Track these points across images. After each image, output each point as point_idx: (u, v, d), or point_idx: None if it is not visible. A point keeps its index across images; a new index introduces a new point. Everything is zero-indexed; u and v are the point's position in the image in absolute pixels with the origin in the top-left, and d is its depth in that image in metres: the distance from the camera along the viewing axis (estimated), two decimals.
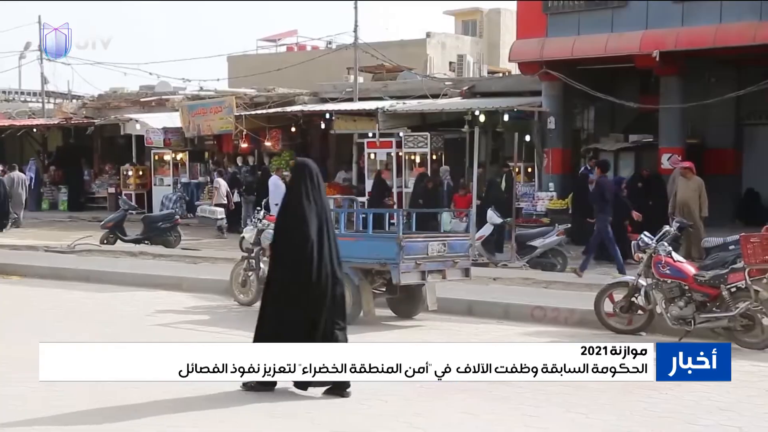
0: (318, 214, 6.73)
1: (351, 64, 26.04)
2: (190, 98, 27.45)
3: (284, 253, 6.80)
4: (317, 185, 6.84)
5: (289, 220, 6.81)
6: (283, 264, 6.79)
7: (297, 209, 6.74)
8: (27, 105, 37.47)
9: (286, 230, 6.83)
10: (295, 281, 6.70)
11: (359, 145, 23.33)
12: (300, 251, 6.67)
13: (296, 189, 6.85)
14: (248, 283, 11.55)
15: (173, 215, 19.35)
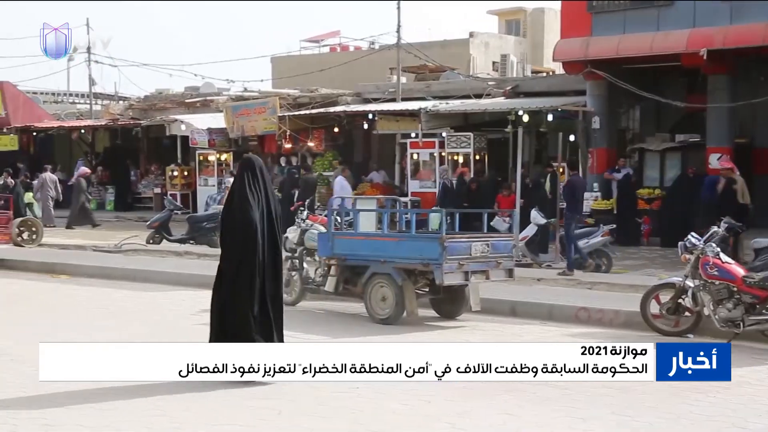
0: (259, 203, 7.25)
1: (394, 64, 26.04)
2: (234, 99, 27.66)
3: (229, 237, 7.30)
4: (259, 178, 7.34)
5: (233, 209, 7.33)
6: (230, 248, 7.27)
7: (240, 200, 7.26)
8: (75, 106, 38.08)
9: (230, 218, 7.36)
10: (241, 263, 7.16)
11: (402, 146, 23.32)
12: (243, 235, 7.15)
13: (240, 182, 7.37)
14: (292, 283, 11.59)
15: (217, 215, 19.46)
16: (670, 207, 18.22)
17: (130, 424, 6.09)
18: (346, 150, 25.49)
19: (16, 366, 7.79)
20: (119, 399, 6.67)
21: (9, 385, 7.09)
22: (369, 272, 10.45)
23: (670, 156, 20.45)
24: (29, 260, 15.72)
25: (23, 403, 6.53)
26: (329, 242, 10.94)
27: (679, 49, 17.89)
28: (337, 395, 6.92)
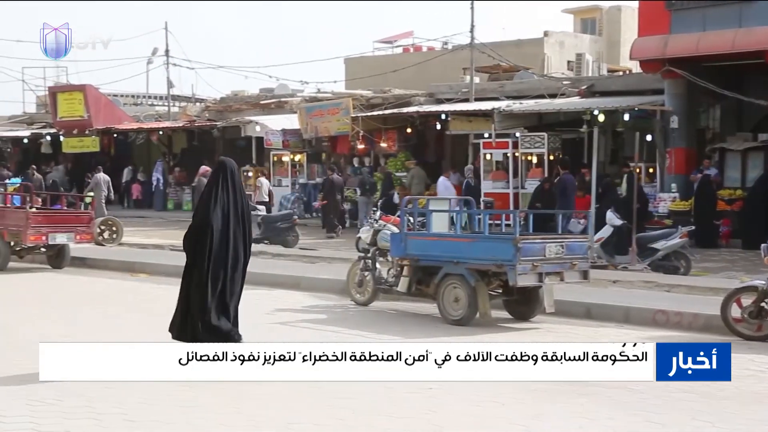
0: (226, 204, 7.77)
1: (467, 64, 25.92)
2: (308, 100, 27.90)
3: (194, 234, 7.84)
4: (229, 180, 7.84)
5: (201, 208, 7.89)
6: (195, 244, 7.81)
7: (208, 200, 7.80)
8: (154, 108, 38.88)
9: (197, 216, 7.92)
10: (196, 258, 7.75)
11: (475, 146, 23.19)
12: (199, 233, 7.74)
13: (212, 183, 7.92)
14: (365, 283, 11.63)
15: (291, 215, 19.67)
16: (752, 208, 17.75)
17: (209, 422, 6.17)
18: (419, 150, 25.46)
19: None
20: (200, 395, 6.77)
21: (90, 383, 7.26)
22: (442, 273, 10.41)
23: (752, 156, 19.90)
24: (110, 259, 16.09)
25: (103, 398, 6.68)
26: (402, 243, 10.94)
27: (763, 46, 17.38)
28: (409, 395, 6.90)
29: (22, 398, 6.55)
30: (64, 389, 6.81)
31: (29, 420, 6.03)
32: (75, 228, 15.51)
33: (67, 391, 6.79)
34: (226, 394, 6.85)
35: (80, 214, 16.72)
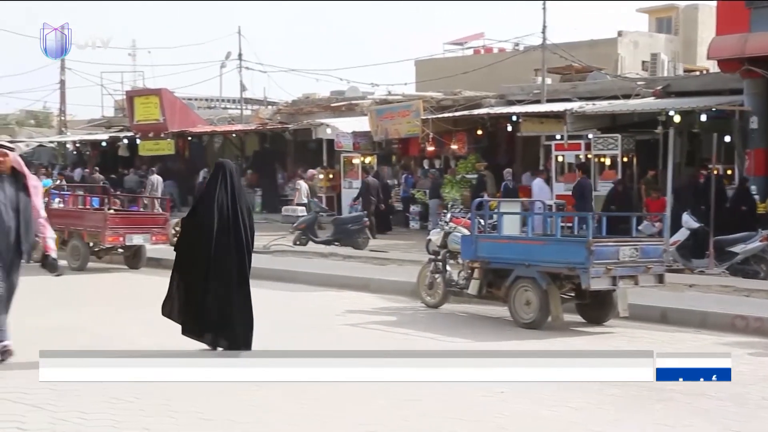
0: (222, 204, 8.14)
1: (539, 65, 25.67)
2: (378, 102, 27.95)
3: (189, 232, 8.34)
4: (229, 181, 8.24)
5: (198, 207, 8.39)
6: (188, 242, 8.30)
7: (206, 199, 8.24)
8: (227, 112, 39.46)
9: (194, 214, 8.38)
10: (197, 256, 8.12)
11: (546, 148, 22.95)
12: (203, 231, 8.11)
13: (211, 183, 8.34)
14: (435, 285, 11.60)
15: (362, 217, 19.74)
16: None
17: (279, 422, 6.21)
18: (489, 152, 25.29)
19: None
20: (270, 395, 6.83)
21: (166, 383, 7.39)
22: (513, 276, 10.32)
23: None
24: None
25: (179, 397, 6.78)
26: (473, 245, 10.88)
27: None
28: (481, 399, 6.85)
29: (102, 397, 6.69)
30: (142, 388, 6.94)
31: (109, 417, 6.16)
32: (151, 229, 15.82)
33: (144, 390, 6.92)
34: (296, 395, 6.90)
35: (156, 215, 17.04)
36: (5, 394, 6.68)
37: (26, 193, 7.96)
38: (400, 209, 25.19)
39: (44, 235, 8.18)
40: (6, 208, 7.83)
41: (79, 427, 5.92)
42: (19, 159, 8.12)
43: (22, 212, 7.89)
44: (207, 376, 7.22)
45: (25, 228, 7.91)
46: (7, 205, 7.84)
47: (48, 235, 8.26)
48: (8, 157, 7.95)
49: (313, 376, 7.33)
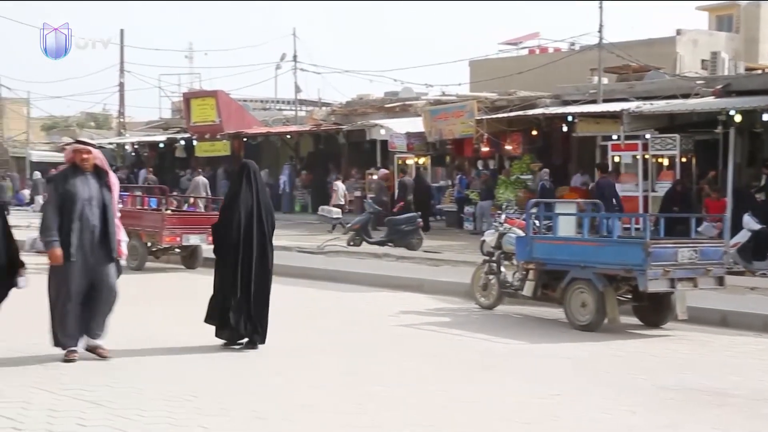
0: (248, 203, 8.53)
1: (594, 65, 25.36)
2: (432, 103, 27.89)
3: (219, 230, 8.70)
4: (252, 181, 8.67)
5: (226, 206, 8.71)
6: (220, 239, 8.68)
7: (233, 199, 8.60)
8: (282, 113, 39.77)
9: (223, 213, 8.76)
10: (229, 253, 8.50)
11: (602, 148, 22.66)
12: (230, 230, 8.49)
13: (235, 183, 8.78)
14: (489, 287, 11.54)
15: (416, 218, 19.71)
16: None
17: (334, 422, 6.23)
18: (544, 153, 25.06)
19: (225, 358, 8.20)
20: (326, 395, 6.86)
21: (221, 376, 7.47)
22: (568, 277, 10.22)
23: None
24: None
25: (232, 393, 6.85)
26: (528, 246, 10.80)
27: None
28: (536, 401, 6.80)
29: (160, 394, 6.79)
30: (197, 387, 7.03)
31: (166, 415, 6.24)
32: (207, 229, 15.98)
33: (200, 388, 7.00)
34: (350, 394, 6.91)
35: (212, 215, 17.20)
36: (65, 391, 6.81)
37: (109, 191, 7.95)
38: (454, 210, 25.11)
39: (118, 238, 8.09)
40: (91, 206, 7.80)
41: (136, 424, 6.00)
42: (102, 156, 8.11)
43: (107, 209, 7.87)
44: (262, 375, 7.30)
45: (111, 225, 7.88)
46: (92, 203, 7.81)
47: (122, 237, 8.18)
48: (92, 154, 7.93)
49: (367, 376, 7.37)
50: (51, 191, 7.97)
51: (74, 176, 7.85)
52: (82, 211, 7.73)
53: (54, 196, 7.84)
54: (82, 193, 7.77)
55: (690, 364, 8.39)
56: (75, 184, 7.79)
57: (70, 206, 7.71)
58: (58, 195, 7.79)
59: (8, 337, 8.46)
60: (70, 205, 7.71)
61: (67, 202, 7.72)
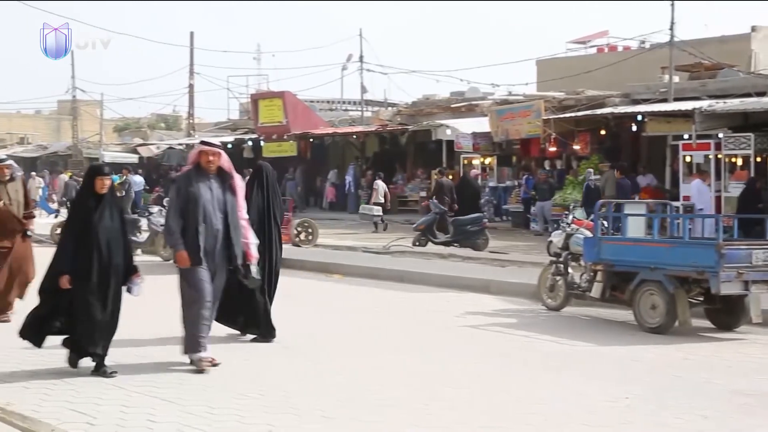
0: (261, 204, 8.88)
1: (665, 63, 24.93)
2: (498, 103, 27.75)
3: None
4: (266, 183, 9.01)
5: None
6: None
7: (249, 200, 8.61)
8: (348, 114, 39.98)
9: None
10: None
11: (673, 148, 22.25)
12: None
13: (250, 185, 8.96)
14: (556, 288, 11.43)
15: (482, 218, 19.61)
16: None
17: (400, 421, 6.23)
18: (613, 152, 24.72)
19: (292, 357, 8.28)
20: (393, 395, 6.87)
21: (288, 375, 7.54)
22: (638, 279, 10.05)
23: None
24: (306, 260, 16.58)
25: (301, 393, 6.90)
26: (596, 247, 10.66)
27: None
28: (605, 404, 6.71)
29: (228, 392, 6.88)
30: (265, 385, 7.11)
31: (235, 412, 6.32)
32: None
33: (267, 385, 7.08)
34: (416, 394, 6.91)
35: None
36: (137, 388, 6.95)
37: (233, 194, 7.68)
38: (520, 210, 24.93)
39: (247, 240, 7.80)
40: (214, 209, 7.52)
41: (205, 421, 6.09)
42: (227, 158, 7.74)
43: (230, 214, 7.60)
44: (328, 374, 7.34)
45: (234, 231, 7.60)
46: (215, 206, 7.53)
47: (251, 239, 7.89)
48: (219, 156, 7.62)
49: (432, 377, 7.36)
50: (174, 193, 7.69)
51: (198, 178, 7.57)
52: (205, 214, 7.47)
53: (176, 198, 7.57)
54: (205, 196, 7.50)
55: (764, 368, 8.18)
56: (198, 186, 7.52)
57: (194, 209, 7.45)
58: (181, 197, 7.52)
59: None
60: (194, 208, 7.45)
61: (190, 204, 7.46)
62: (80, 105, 49.52)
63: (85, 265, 7.17)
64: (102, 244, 7.21)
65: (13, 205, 10.15)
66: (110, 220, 7.30)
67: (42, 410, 6.29)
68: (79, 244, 7.22)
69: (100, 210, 7.28)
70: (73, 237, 7.30)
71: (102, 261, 7.21)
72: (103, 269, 7.22)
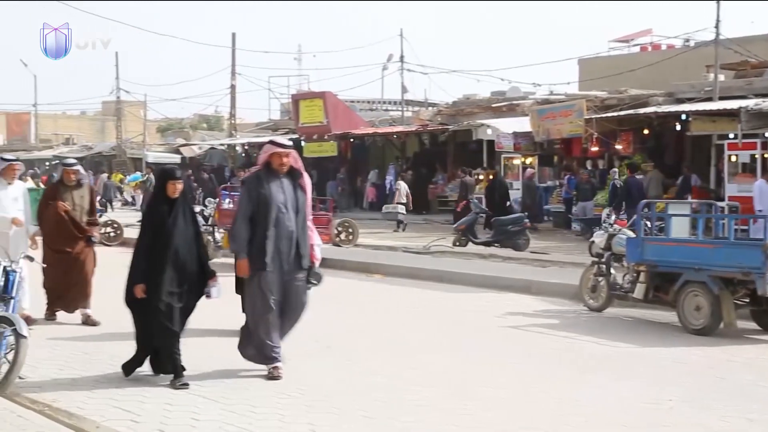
0: None
1: (710, 61, 24.58)
2: (540, 102, 27.57)
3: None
4: None
5: None
6: None
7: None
8: (388, 113, 40.02)
9: None
10: None
11: (718, 147, 21.94)
12: None
13: None
14: (598, 289, 11.33)
15: (522, 219, 19.51)
16: None
17: (440, 421, 6.23)
18: (656, 152, 24.45)
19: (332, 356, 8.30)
20: (432, 395, 6.87)
21: (329, 374, 7.57)
22: (682, 280, 9.92)
23: None
24: (347, 260, 16.61)
25: (341, 393, 6.93)
26: (639, 248, 10.54)
27: None
28: (648, 407, 6.64)
29: (270, 391, 6.93)
30: (306, 383, 7.14)
31: (276, 411, 6.37)
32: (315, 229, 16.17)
33: (308, 384, 7.11)
34: (455, 394, 6.90)
35: (319, 215, 17.44)
36: (179, 386, 7.02)
37: (303, 193, 7.42)
38: (562, 210, 24.76)
39: (311, 242, 7.53)
40: (287, 210, 7.25)
41: (247, 420, 6.14)
42: (297, 156, 7.49)
43: (301, 214, 7.35)
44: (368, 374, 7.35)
45: (302, 232, 7.35)
46: (288, 206, 7.26)
47: (315, 242, 7.64)
48: (290, 157, 7.37)
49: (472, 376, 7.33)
50: (244, 196, 7.38)
51: (268, 179, 7.28)
52: (277, 216, 7.19)
53: (247, 201, 7.26)
54: (277, 197, 7.22)
55: None
56: (270, 187, 7.23)
57: (266, 212, 7.16)
58: (252, 201, 7.23)
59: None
60: (265, 211, 7.16)
61: (261, 207, 7.18)
62: (124, 106, 50.17)
63: (159, 273, 6.99)
64: (176, 251, 7.03)
65: (77, 211, 10.02)
66: (184, 225, 7.13)
67: (87, 407, 6.38)
68: (153, 251, 7.05)
69: (174, 215, 7.09)
70: (147, 245, 7.12)
71: (177, 268, 7.05)
72: (177, 276, 7.05)
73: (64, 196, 10.01)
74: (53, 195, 10.12)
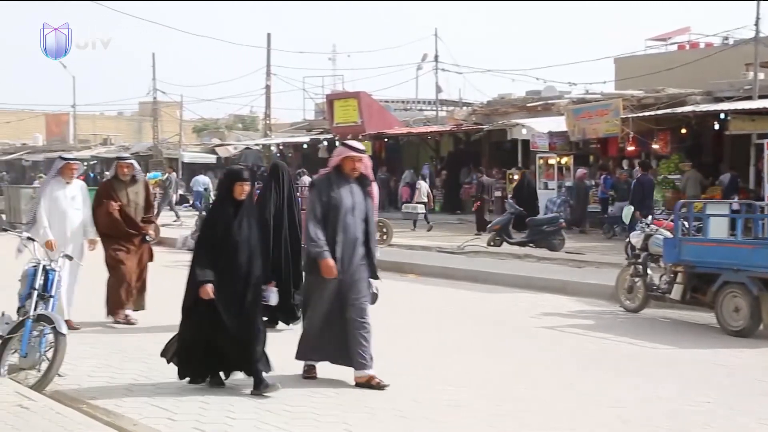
0: (277, 202, 9.38)
1: (750, 59, 24.26)
2: (575, 102, 27.39)
3: None
4: (282, 182, 9.47)
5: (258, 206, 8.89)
6: None
7: (266, 199, 9.36)
8: (422, 113, 39.98)
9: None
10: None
11: (758, 147, 21.64)
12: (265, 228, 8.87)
13: (267, 183, 9.60)
14: (635, 289, 11.24)
15: (558, 219, 19.39)
16: None
17: (476, 421, 6.21)
18: (694, 152, 24.17)
19: None
20: (465, 395, 6.85)
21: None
22: (720, 281, 9.81)
23: None
24: (381, 259, 16.39)
25: (375, 393, 6.92)
26: (676, 248, 10.43)
27: None
28: (687, 409, 6.57)
29: (304, 390, 6.95)
30: (340, 382, 7.15)
31: (311, 411, 6.39)
32: None
33: (342, 384, 7.12)
34: (491, 395, 6.88)
35: None
36: (215, 385, 7.06)
37: (371, 200, 7.26)
38: (597, 210, 24.57)
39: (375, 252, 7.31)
40: (354, 217, 7.06)
41: (282, 419, 6.17)
42: (369, 162, 7.30)
43: (369, 221, 7.17)
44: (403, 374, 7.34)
45: (372, 240, 7.17)
46: (356, 213, 7.08)
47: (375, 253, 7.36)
48: (363, 162, 7.16)
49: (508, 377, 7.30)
50: (314, 198, 7.15)
51: (338, 182, 7.10)
52: (345, 221, 7.01)
53: (318, 204, 7.05)
54: (346, 202, 7.03)
55: None
56: (340, 192, 7.05)
57: (335, 215, 6.99)
58: (323, 203, 7.04)
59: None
60: (334, 214, 6.99)
61: (331, 210, 7.00)
62: (161, 106, 50.62)
63: (224, 277, 6.75)
64: (241, 254, 6.81)
65: (131, 207, 9.82)
66: (248, 228, 6.91)
67: (124, 405, 6.45)
68: (217, 254, 6.79)
69: (239, 218, 6.87)
70: (210, 246, 6.84)
71: (241, 272, 6.81)
72: (241, 281, 6.81)
73: (119, 192, 9.80)
74: (107, 192, 9.87)
